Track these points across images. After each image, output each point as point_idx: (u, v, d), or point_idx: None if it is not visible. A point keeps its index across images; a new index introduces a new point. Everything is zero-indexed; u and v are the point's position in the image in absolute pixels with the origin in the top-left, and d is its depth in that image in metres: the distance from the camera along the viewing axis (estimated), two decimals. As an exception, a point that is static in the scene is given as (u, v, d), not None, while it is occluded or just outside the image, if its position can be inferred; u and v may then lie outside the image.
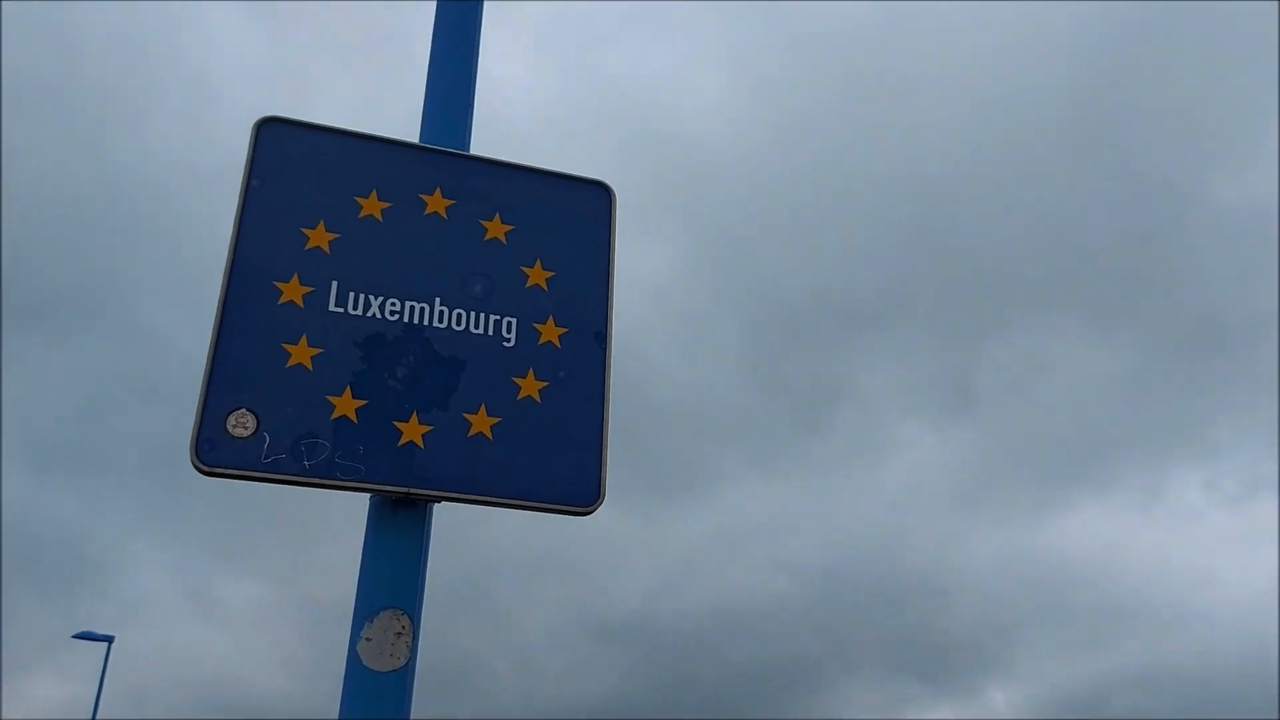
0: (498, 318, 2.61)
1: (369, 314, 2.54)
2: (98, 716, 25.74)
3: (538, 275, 2.70)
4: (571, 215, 2.82)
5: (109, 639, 26.32)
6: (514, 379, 2.56)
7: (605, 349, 2.66)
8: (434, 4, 3.16)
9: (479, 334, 2.58)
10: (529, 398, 2.54)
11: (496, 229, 2.72)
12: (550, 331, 2.64)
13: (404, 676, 2.27)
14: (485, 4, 3.18)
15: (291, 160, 2.65)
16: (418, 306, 2.57)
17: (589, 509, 2.49)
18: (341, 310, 2.54)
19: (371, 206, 2.64)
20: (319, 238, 2.56)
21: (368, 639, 2.28)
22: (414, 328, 2.55)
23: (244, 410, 2.35)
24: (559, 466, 2.50)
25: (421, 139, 2.90)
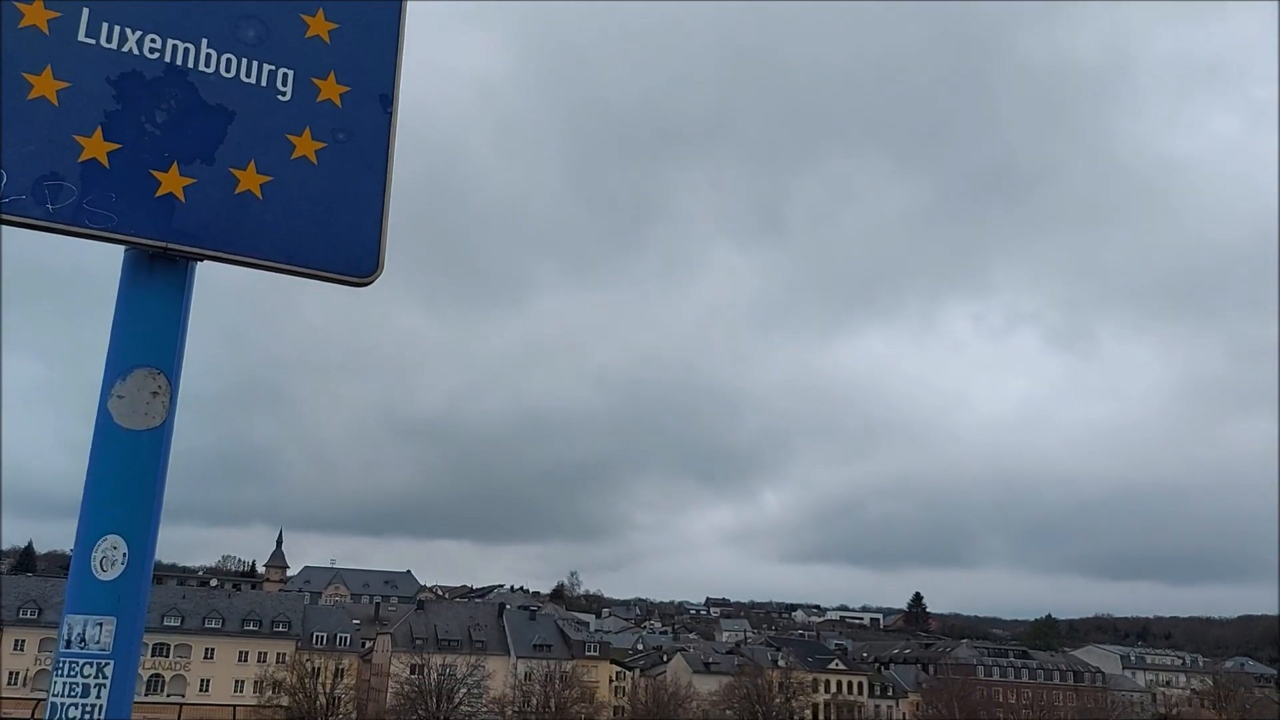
0: (272, 68, 2.41)
1: (125, 49, 2.29)
2: None
3: (319, 25, 2.48)
4: (361, -35, 2.59)
5: None
6: (288, 136, 2.40)
7: (391, 114, 2.51)
8: None
9: (250, 84, 2.38)
10: (304, 158, 2.40)
11: (275, -32, 2.47)
12: (331, 89, 2.46)
13: (159, 436, 2.20)
14: None
15: None
16: (181, 46, 2.34)
17: (366, 280, 2.42)
18: (93, 42, 2.28)
19: (130, -74, 2.34)
20: (67, -45, 2.26)
21: (120, 396, 2.19)
22: (177, 69, 2.33)
23: (-25, 142, 2.12)
24: (334, 232, 2.39)
25: None
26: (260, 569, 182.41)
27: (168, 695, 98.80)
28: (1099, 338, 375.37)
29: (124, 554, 2.07)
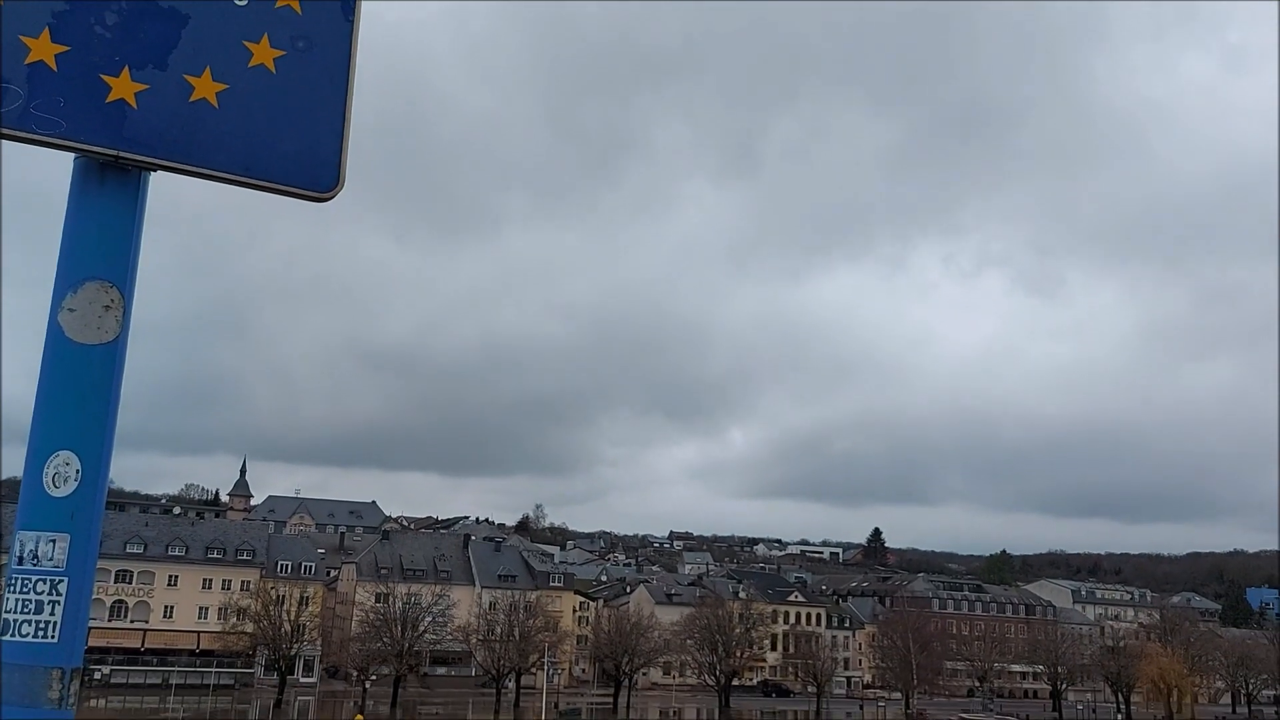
0: (228, -31, 2.31)
1: (71, -55, 2.18)
2: None
3: (278, -75, 2.37)
4: None
5: None
6: (245, 43, 2.30)
7: (352, 23, 2.41)
8: None
9: (205, -15, 2.28)
10: (262, 66, 2.30)
11: None
12: (290, -7, 2.36)
13: (113, 351, 2.14)
14: None
15: None
16: (132, -56, 2.22)
17: (327, 195, 2.35)
18: (38, -63, 2.16)
19: None
20: None
21: (70, 310, 2.12)
22: (127, -31, 2.22)
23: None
24: (293, 144, 2.31)
25: None
26: (224, 498, 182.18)
27: (131, 621, 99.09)
28: (1067, 280, 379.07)
29: (77, 470, 2.03)
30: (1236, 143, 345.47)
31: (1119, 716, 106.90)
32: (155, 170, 2.23)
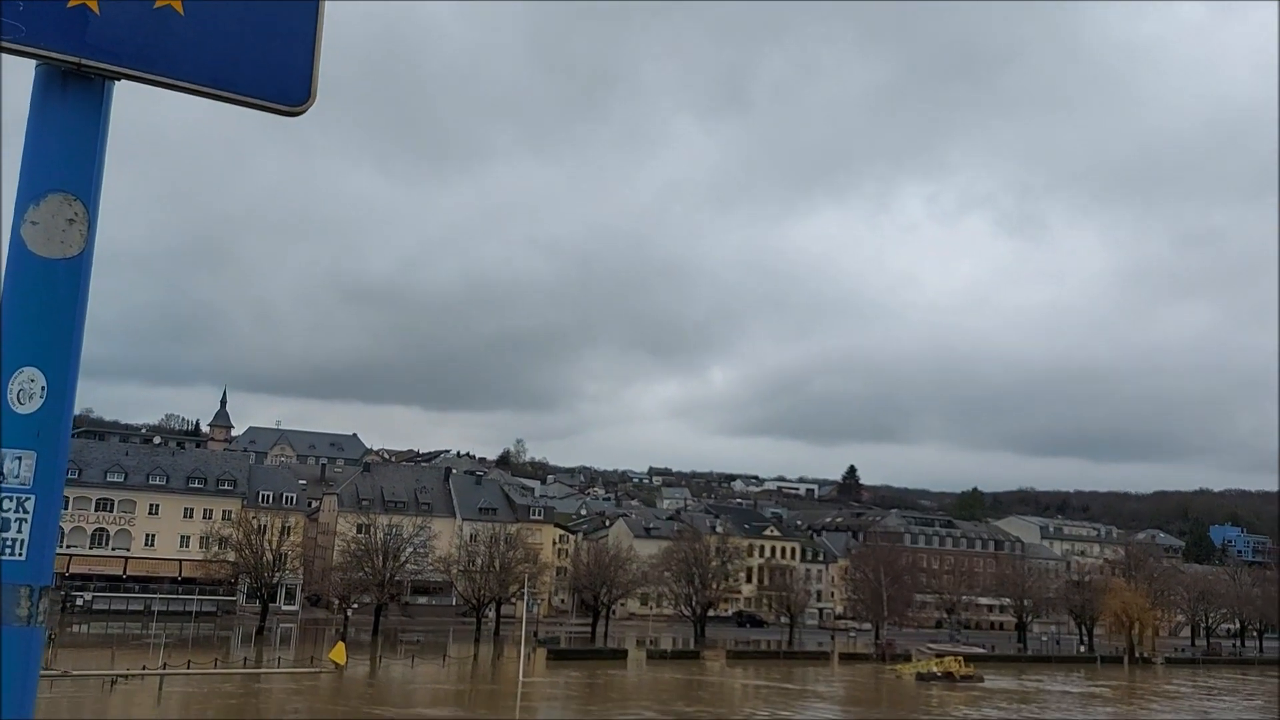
0: None
1: None
2: None
3: None
4: None
5: None
6: (212, -53, 2.21)
7: (324, -72, 2.32)
8: None
9: (168, -115, 2.17)
10: (229, -29, 2.21)
11: None
12: (258, -105, 2.26)
13: (78, 266, 2.09)
14: None
15: None
16: None
17: (297, 108, 2.27)
18: None
19: None
20: None
21: (33, 223, 2.06)
22: None
23: None
24: (262, 55, 2.23)
25: None
26: (204, 428, 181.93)
27: (112, 549, 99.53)
28: (1048, 222, 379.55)
29: (42, 387, 1.99)
30: (1223, 85, 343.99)
31: (1081, 648, 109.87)
32: (119, 80, 2.15)
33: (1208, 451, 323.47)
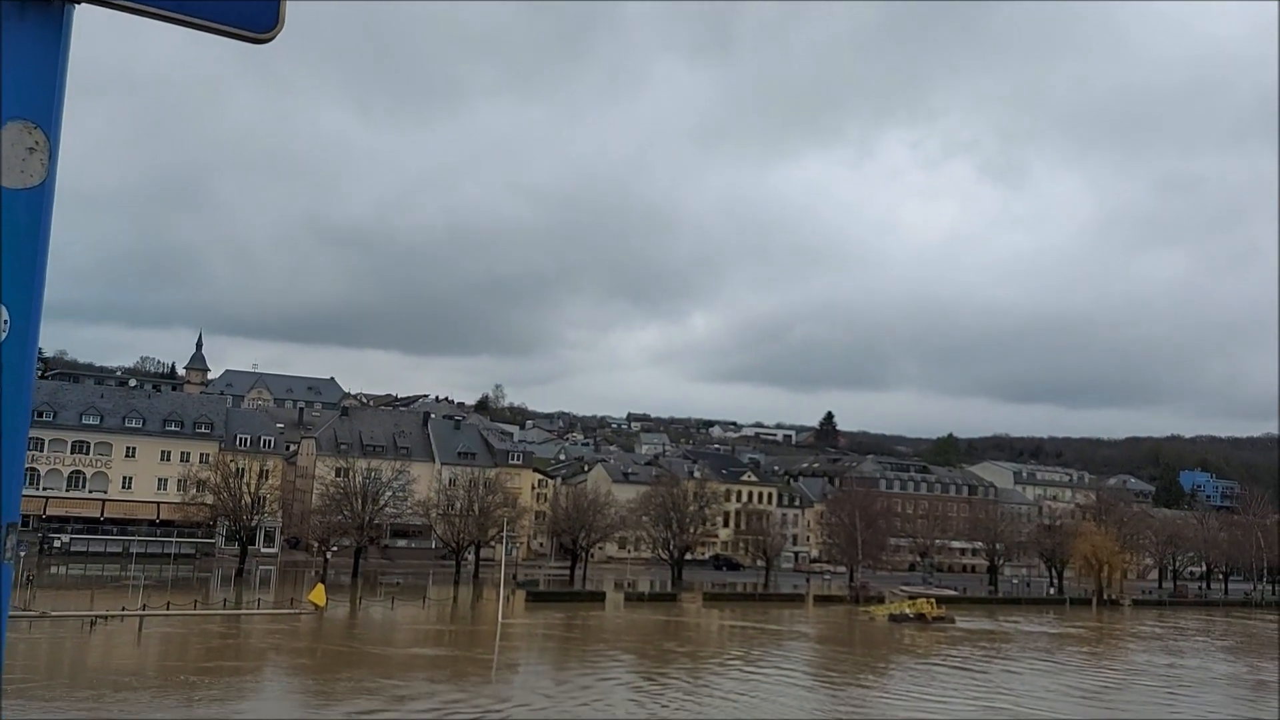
0: None
1: None
2: None
3: None
4: None
5: None
6: None
7: None
8: None
9: None
10: (191, -111, 2.12)
11: None
12: None
13: (39, 196, 2.03)
14: None
15: None
16: None
17: (265, 35, 2.20)
18: None
19: None
20: None
21: (-8, 152, 2.00)
22: None
23: None
24: (228, -21, 2.16)
25: None
26: (180, 371, 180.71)
27: (90, 492, 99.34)
28: (1032, 169, 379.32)
29: (5, 321, 1.94)
30: (1208, 32, 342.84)
31: (1051, 590, 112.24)
32: (79, 2, 2.07)
33: (1180, 398, 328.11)
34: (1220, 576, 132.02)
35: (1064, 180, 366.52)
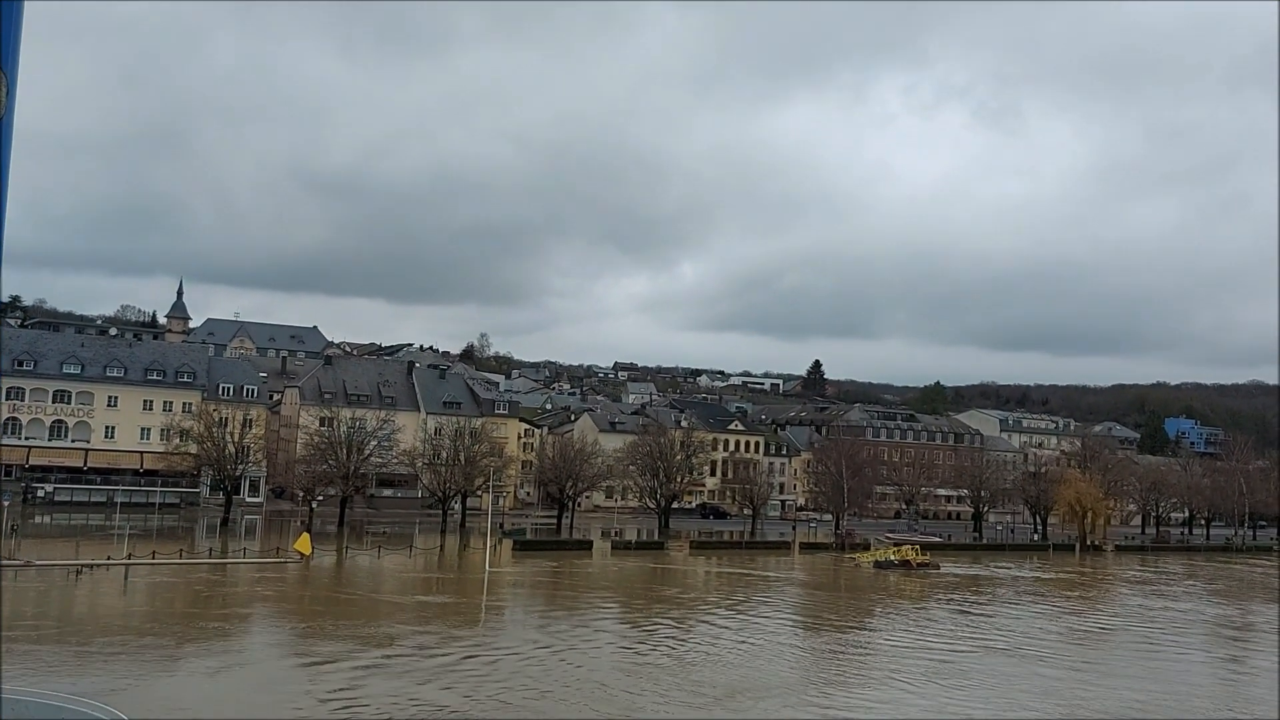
0: None
1: None
2: None
3: None
4: None
5: None
6: None
7: None
8: None
9: None
10: None
11: None
12: None
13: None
14: None
15: None
16: None
17: None
18: None
19: None
20: None
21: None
22: None
23: None
24: None
25: None
26: (161, 320, 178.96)
27: (72, 441, 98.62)
28: (1025, 114, 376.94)
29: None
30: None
31: (1035, 536, 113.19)
32: None
33: (1167, 345, 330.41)
34: (1202, 522, 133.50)
35: (1058, 126, 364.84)
